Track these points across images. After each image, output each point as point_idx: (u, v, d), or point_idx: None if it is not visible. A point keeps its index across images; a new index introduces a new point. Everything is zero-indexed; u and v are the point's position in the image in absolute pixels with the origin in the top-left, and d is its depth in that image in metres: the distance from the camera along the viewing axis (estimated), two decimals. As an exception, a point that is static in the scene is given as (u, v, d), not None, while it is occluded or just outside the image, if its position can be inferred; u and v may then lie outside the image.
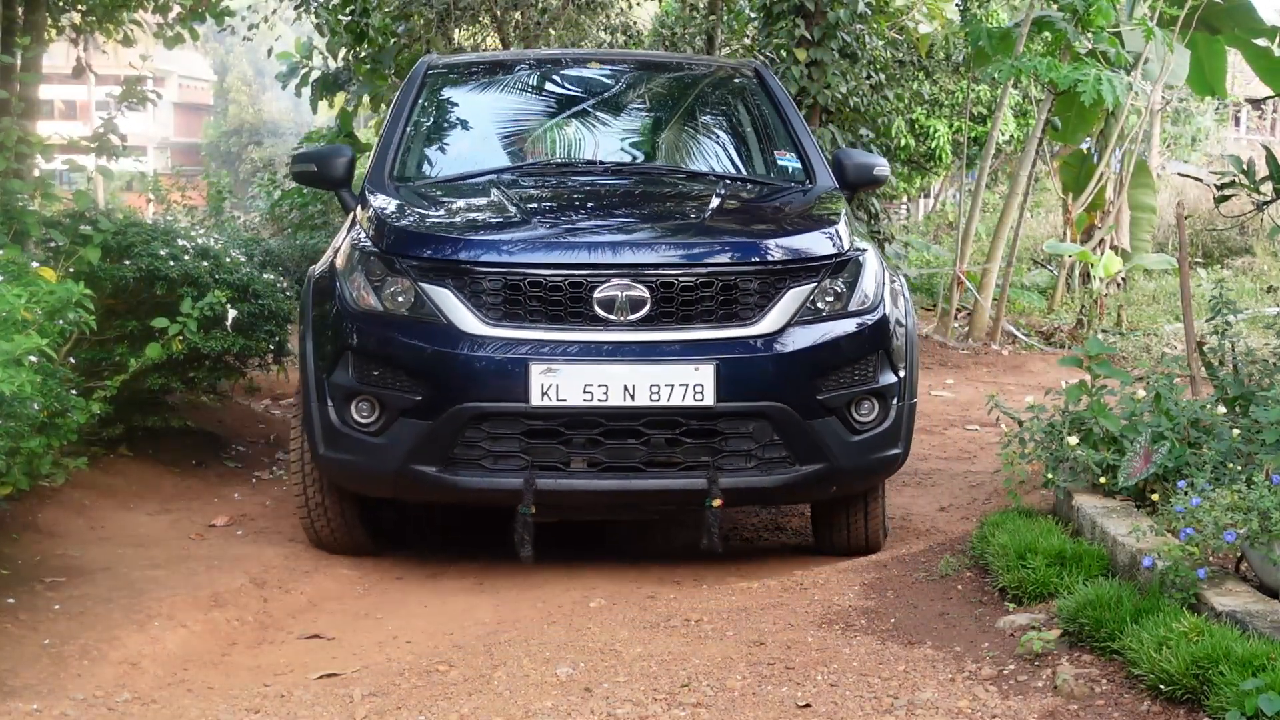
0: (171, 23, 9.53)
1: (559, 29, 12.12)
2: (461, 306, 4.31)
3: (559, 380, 4.22)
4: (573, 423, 4.28)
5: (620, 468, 4.32)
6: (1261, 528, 3.49)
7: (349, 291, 4.48)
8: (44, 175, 5.96)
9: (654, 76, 6.35)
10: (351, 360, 4.42)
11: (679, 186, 5.40)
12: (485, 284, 4.32)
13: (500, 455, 4.32)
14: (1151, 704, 3.18)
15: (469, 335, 4.28)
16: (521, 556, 4.35)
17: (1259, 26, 10.72)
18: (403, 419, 4.33)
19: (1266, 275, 14.67)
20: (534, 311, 4.31)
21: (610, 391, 4.22)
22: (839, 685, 3.45)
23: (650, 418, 4.27)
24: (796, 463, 4.39)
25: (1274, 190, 5.45)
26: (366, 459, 4.41)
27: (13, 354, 3.73)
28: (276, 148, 41.74)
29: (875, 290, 4.59)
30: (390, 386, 4.35)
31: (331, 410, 4.45)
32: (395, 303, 4.39)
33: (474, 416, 4.28)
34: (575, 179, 5.33)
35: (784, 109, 5.75)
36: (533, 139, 5.86)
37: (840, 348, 4.45)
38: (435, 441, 4.31)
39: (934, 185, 21.13)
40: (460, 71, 6.18)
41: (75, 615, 4.01)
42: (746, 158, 5.79)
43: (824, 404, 4.40)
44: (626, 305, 4.30)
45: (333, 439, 4.45)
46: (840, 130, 10.87)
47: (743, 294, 4.38)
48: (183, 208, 15.25)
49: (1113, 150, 11.56)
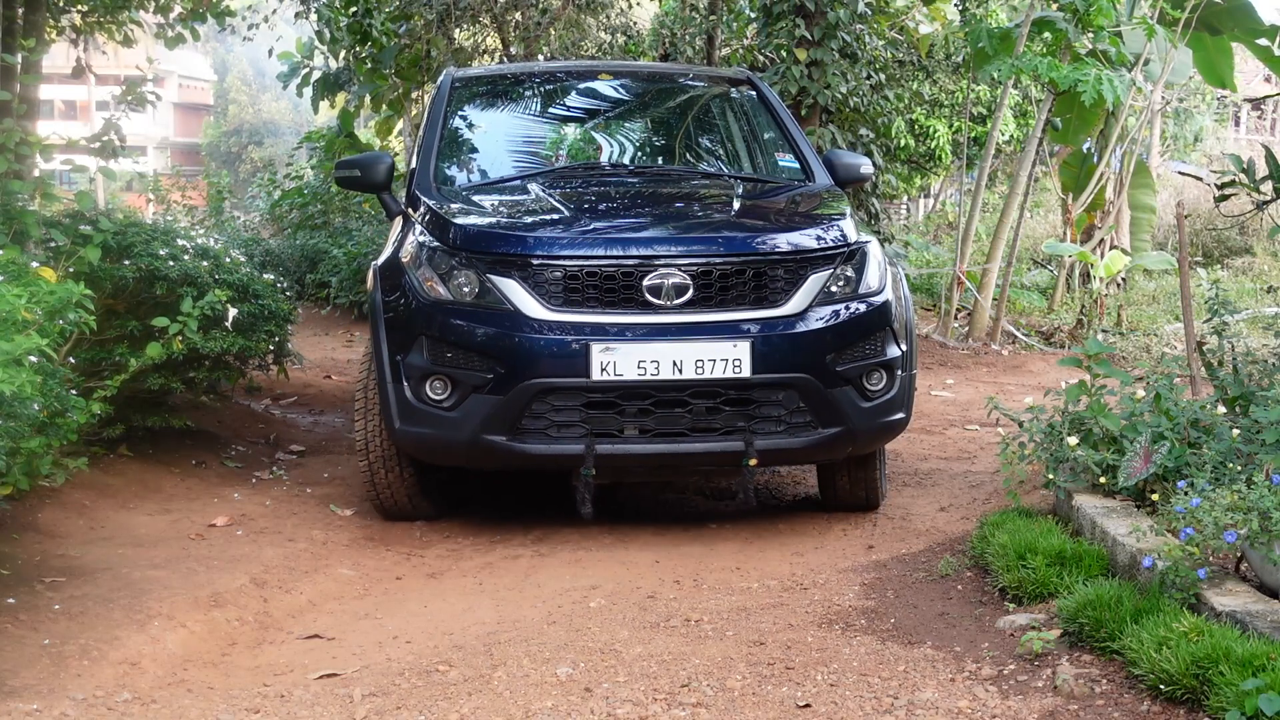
0: (172, 23, 9.53)
1: (559, 29, 12.11)
2: (527, 295, 4.83)
3: (616, 358, 4.75)
4: (627, 394, 4.80)
5: (668, 433, 4.85)
6: (1261, 528, 3.49)
7: (419, 284, 4.99)
8: (44, 175, 5.95)
9: (658, 86, 7.00)
10: (426, 344, 4.92)
11: (699, 186, 5.99)
12: (547, 275, 4.84)
13: (563, 424, 4.83)
14: (1151, 704, 3.18)
15: (535, 320, 4.80)
16: (583, 514, 4.95)
17: (1259, 27, 10.72)
18: (475, 395, 4.84)
19: (1266, 275, 14.66)
20: (591, 298, 4.84)
21: (661, 366, 4.77)
22: (839, 685, 3.45)
23: (695, 389, 4.80)
24: (819, 426, 4.92)
25: (1274, 190, 5.45)
26: (441, 431, 4.91)
27: (13, 354, 3.73)
28: (276, 148, 41.75)
29: (879, 276, 5.15)
30: (463, 366, 4.86)
31: (407, 389, 4.94)
32: (462, 293, 4.90)
33: (541, 391, 4.79)
34: (605, 180, 5.91)
35: (779, 113, 6.38)
36: (557, 145, 6.47)
37: (854, 326, 4.99)
38: (505, 414, 4.80)
39: (934, 185, 21.13)
40: (483, 83, 6.80)
41: (75, 615, 4.01)
42: (751, 159, 6.40)
43: (841, 375, 4.95)
44: (672, 291, 4.84)
45: (408, 415, 4.95)
46: (840, 130, 10.87)
47: (771, 280, 4.93)
48: (183, 208, 15.30)
49: (1113, 150, 11.56)
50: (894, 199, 18.42)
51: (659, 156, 6.56)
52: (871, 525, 5.37)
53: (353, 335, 11.58)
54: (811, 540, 5.16)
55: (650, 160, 6.48)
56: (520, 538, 5.25)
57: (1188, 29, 10.49)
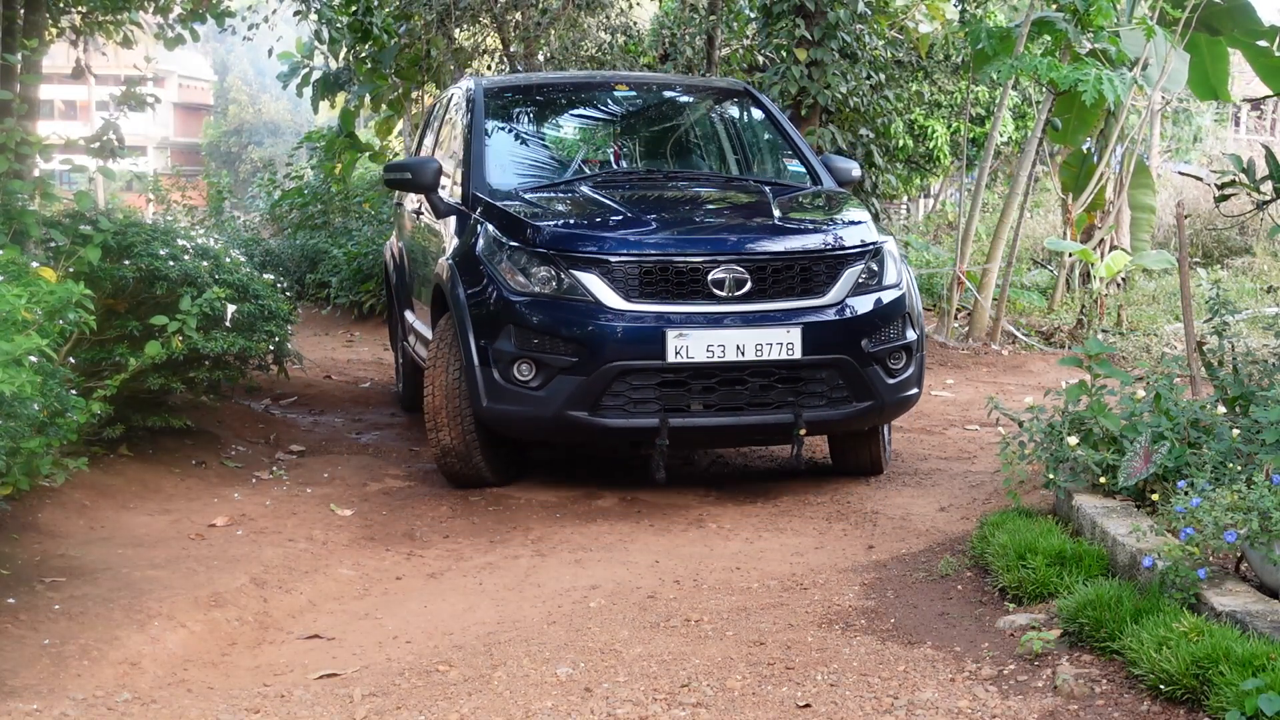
0: (171, 23, 9.53)
1: (559, 29, 12.11)
2: (606, 287, 5.39)
3: (689, 342, 5.35)
4: (696, 374, 5.40)
5: (729, 408, 5.47)
6: (1261, 528, 3.49)
7: (503, 278, 5.53)
8: (44, 175, 5.95)
9: (671, 97, 7.70)
10: (513, 332, 5.45)
11: (733, 190, 6.62)
12: (625, 270, 5.42)
13: (639, 401, 5.41)
14: (1151, 704, 3.18)
15: (614, 309, 5.38)
16: (657, 479, 5.56)
17: (1258, 28, 10.71)
18: (561, 376, 5.38)
19: (1266, 275, 14.65)
20: (663, 290, 5.43)
21: (726, 349, 5.37)
22: (839, 685, 3.45)
23: (753, 369, 5.43)
24: (854, 400, 5.60)
25: (1274, 190, 5.46)
26: (528, 409, 5.45)
27: (13, 354, 3.73)
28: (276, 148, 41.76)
29: (897, 270, 5.87)
30: (548, 351, 5.41)
31: (495, 372, 5.48)
32: (545, 286, 5.45)
33: (621, 372, 5.36)
34: (647, 185, 6.51)
35: (780, 121, 7.12)
36: (592, 151, 7.20)
37: (880, 313, 5.67)
38: (588, 392, 5.36)
39: (934, 185, 21.12)
40: (513, 92, 7.32)
41: (75, 615, 4.01)
42: (763, 164, 7.20)
43: (872, 355, 5.62)
44: (733, 284, 5.45)
45: (495, 394, 5.50)
46: (840, 130, 10.87)
47: (815, 274, 5.59)
48: (183, 208, 15.30)
49: (1112, 150, 11.54)
50: (894, 199, 18.40)
51: (683, 163, 7.23)
52: (871, 525, 5.37)
53: (353, 335, 11.58)
54: (811, 540, 5.16)
55: (677, 166, 7.14)
56: (520, 538, 5.25)
57: (1187, 29, 10.47)
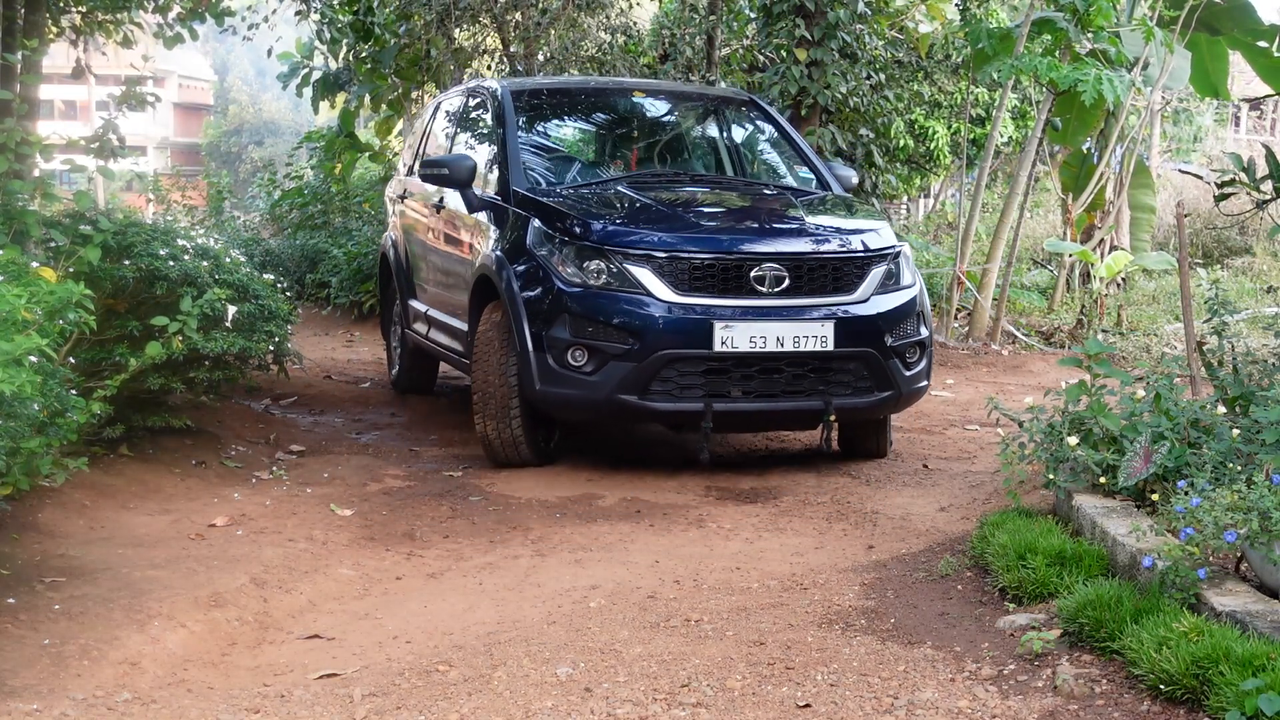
0: (171, 23, 9.53)
1: (559, 29, 12.10)
2: (658, 281, 5.81)
3: (734, 333, 5.78)
4: (738, 363, 5.85)
5: (767, 394, 5.94)
6: (1261, 528, 3.49)
7: (556, 270, 5.92)
8: (44, 175, 5.95)
9: (680, 104, 8.09)
10: (569, 320, 5.84)
11: (758, 193, 7.13)
12: (676, 266, 5.83)
13: (685, 387, 5.84)
14: (1151, 704, 3.18)
15: (666, 301, 5.79)
16: (702, 459, 5.98)
17: (1258, 27, 10.71)
18: (613, 362, 5.79)
19: (1266, 275, 14.65)
20: (709, 285, 5.85)
21: (767, 340, 5.82)
22: (839, 685, 3.45)
23: (789, 359, 5.89)
24: (876, 390, 6.07)
25: (1274, 189, 5.45)
26: (581, 392, 5.86)
27: (13, 354, 3.73)
28: (276, 148, 41.75)
29: (912, 271, 6.36)
30: (602, 338, 5.82)
31: (549, 357, 5.87)
32: (598, 279, 5.85)
33: (670, 359, 5.77)
34: (678, 186, 6.92)
35: (787, 129, 7.60)
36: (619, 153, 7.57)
37: (899, 311, 6.13)
38: (639, 378, 5.78)
39: (934, 185, 21.11)
40: (536, 95, 7.57)
41: (75, 615, 4.01)
42: (775, 169, 7.69)
43: (893, 349, 6.08)
44: (773, 281, 5.88)
45: (549, 378, 5.89)
46: (840, 130, 10.87)
47: (846, 273, 6.05)
48: (183, 208, 15.30)
49: (1112, 150, 11.55)
50: (894, 199, 18.39)
51: (703, 166, 7.67)
52: (871, 525, 5.37)
53: (353, 335, 11.57)
54: (811, 540, 5.16)
55: (702, 169, 7.59)
56: (520, 538, 5.25)
57: (1187, 29, 10.47)
